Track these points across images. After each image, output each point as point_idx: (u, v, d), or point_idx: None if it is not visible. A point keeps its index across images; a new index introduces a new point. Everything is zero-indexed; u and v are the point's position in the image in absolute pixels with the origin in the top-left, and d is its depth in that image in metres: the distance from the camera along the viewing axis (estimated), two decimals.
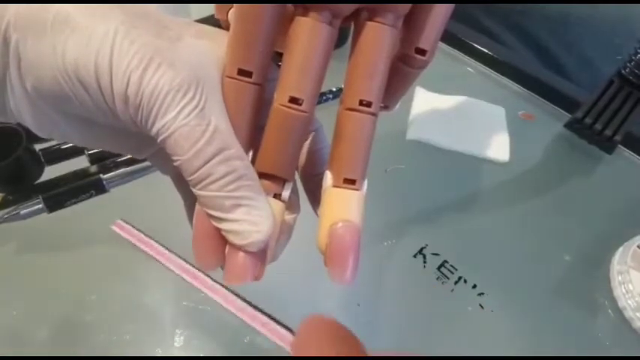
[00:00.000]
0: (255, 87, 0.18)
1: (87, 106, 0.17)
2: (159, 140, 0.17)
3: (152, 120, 0.16)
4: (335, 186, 0.19)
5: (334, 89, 0.48)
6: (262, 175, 0.19)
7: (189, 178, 0.17)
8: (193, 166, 0.17)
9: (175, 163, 0.17)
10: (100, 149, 0.38)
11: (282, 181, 0.19)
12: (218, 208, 0.17)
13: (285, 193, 0.19)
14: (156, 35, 0.17)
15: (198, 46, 0.18)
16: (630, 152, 0.49)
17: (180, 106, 0.16)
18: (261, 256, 0.18)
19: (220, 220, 0.17)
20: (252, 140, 0.19)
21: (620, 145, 0.49)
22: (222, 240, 0.18)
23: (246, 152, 0.19)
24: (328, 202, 0.19)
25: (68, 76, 0.16)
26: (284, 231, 0.21)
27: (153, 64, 0.16)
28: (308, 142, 0.21)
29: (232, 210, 0.17)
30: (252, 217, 0.17)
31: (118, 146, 0.22)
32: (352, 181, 0.19)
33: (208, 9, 0.35)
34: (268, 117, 0.18)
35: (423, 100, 0.51)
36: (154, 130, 0.17)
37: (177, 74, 0.16)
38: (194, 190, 0.17)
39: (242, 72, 0.17)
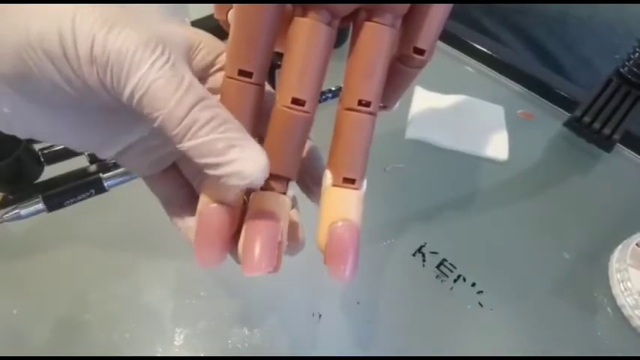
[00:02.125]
0: (255, 87, 0.18)
1: (52, 78, 0.17)
2: (135, 101, 0.16)
3: (124, 79, 0.16)
4: (335, 185, 0.19)
5: (333, 88, 0.48)
6: None
7: (175, 132, 0.17)
8: (177, 117, 0.16)
9: (156, 122, 0.17)
10: (63, 145, 0.36)
11: (285, 180, 0.19)
12: (212, 154, 0.17)
13: (290, 192, 0.19)
14: (119, 10, 0.17)
15: (163, 22, 0.18)
16: (629, 151, 0.49)
17: (151, 60, 0.16)
18: (277, 245, 0.18)
19: (217, 166, 0.17)
20: (253, 137, 0.19)
21: (618, 144, 0.49)
22: (225, 236, 0.18)
23: None
24: (328, 202, 0.19)
25: (33, 49, 0.16)
26: (295, 230, 0.21)
27: (116, 26, 0.16)
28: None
29: (227, 151, 0.17)
30: (248, 154, 0.17)
31: (83, 138, 0.21)
32: (352, 181, 0.19)
33: (208, 9, 0.35)
34: (270, 118, 0.18)
35: (422, 100, 0.51)
36: (128, 90, 0.16)
37: (142, 35, 0.16)
38: (182, 145, 0.17)
39: (242, 72, 0.18)
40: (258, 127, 0.19)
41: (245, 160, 0.17)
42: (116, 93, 0.17)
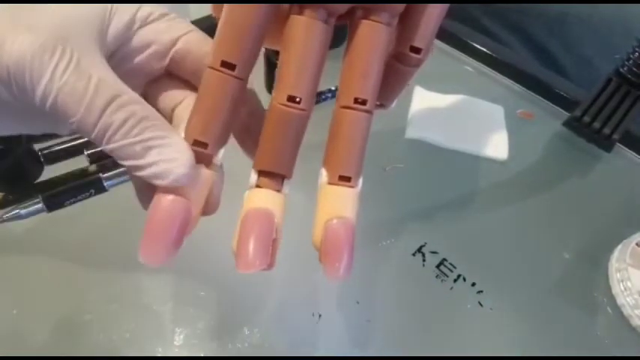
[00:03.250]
0: (236, 80, 0.18)
1: None
2: (47, 108, 0.16)
3: (30, 90, 0.16)
4: (330, 183, 0.19)
5: (333, 88, 0.48)
6: (261, 173, 0.19)
7: (92, 137, 0.16)
8: (89, 123, 0.16)
9: (73, 127, 0.16)
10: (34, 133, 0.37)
11: (281, 177, 0.19)
12: (131, 157, 0.17)
13: (285, 189, 0.19)
14: (9, 8, 0.16)
15: (59, 9, 0.17)
16: (628, 150, 0.49)
17: (52, 66, 0.16)
18: (272, 243, 0.18)
19: (138, 168, 0.17)
20: (227, 134, 0.19)
21: (618, 144, 0.49)
22: (177, 234, 0.18)
23: (220, 146, 0.18)
24: (323, 199, 0.19)
25: None
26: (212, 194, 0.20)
27: (9, 34, 0.15)
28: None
29: (144, 154, 0.17)
30: (167, 155, 0.17)
31: (29, 128, 0.20)
32: (347, 179, 0.19)
33: (207, 9, 0.35)
34: (266, 115, 0.18)
35: (422, 99, 0.51)
36: (37, 99, 0.16)
37: (37, 37, 0.16)
38: (103, 147, 0.17)
39: (225, 64, 0.17)
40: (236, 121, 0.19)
41: (164, 162, 0.17)
42: (28, 101, 0.16)
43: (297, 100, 0.18)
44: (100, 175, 0.38)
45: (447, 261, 0.38)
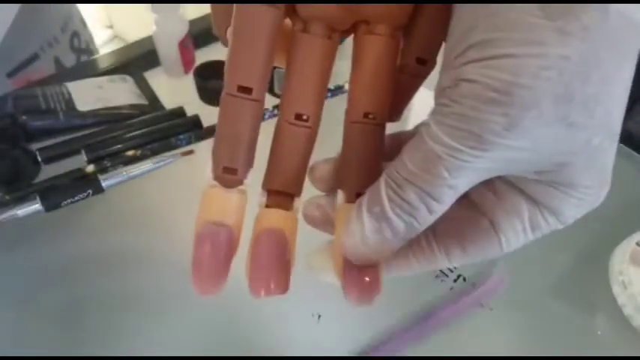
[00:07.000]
0: (255, 103, 0.17)
1: None
2: None
3: None
4: (348, 202, 0.18)
5: (332, 87, 0.48)
6: (271, 192, 0.18)
7: None
8: None
9: None
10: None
11: (291, 196, 0.19)
12: None
13: (296, 204, 0.19)
14: None
15: None
16: (629, 150, 0.49)
17: None
18: (285, 264, 0.18)
19: None
20: (253, 157, 0.18)
21: (618, 143, 0.49)
22: (227, 260, 0.17)
23: (247, 169, 0.18)
24: (343, 220, 0.18)
25: None
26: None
27: None
28: None
29: None
30: None
31: None
32: None
33: (205, 8, 0.35)
34: (274, 134, 0.18)
35: (424, 99, 0.51)
36: None
37: None
38: None
39: (242, 89, 0.17)
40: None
41: None
42: None
43: (305, 117, 0.17)
44: (98, 175, 0.38)
45: None
